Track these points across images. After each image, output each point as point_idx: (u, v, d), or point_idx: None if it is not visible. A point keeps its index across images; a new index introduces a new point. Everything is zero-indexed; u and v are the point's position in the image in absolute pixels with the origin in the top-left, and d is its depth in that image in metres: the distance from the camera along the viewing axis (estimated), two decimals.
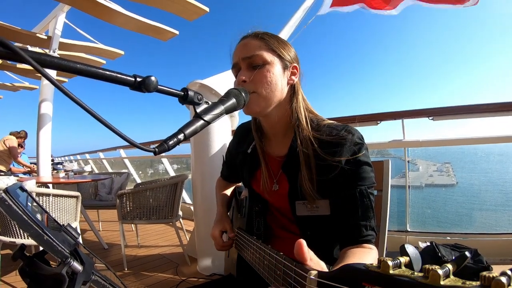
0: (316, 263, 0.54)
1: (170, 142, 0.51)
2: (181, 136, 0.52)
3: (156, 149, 0.49)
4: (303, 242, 0.52)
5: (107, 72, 0.43)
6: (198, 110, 0.56)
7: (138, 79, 0.46)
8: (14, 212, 0.50)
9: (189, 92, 0.54)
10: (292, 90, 0.91)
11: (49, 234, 0.51)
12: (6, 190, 0.52)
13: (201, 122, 0.56)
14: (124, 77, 0.45)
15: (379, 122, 2.73)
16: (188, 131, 0.53)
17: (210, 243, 1.09)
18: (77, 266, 0.50)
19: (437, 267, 0.29)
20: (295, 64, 0.91)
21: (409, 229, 2.82)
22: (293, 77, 0.90)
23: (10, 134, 6.09)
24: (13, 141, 5.91)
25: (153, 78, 0.46)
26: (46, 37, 5.03)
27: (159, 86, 0.48)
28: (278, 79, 0.86)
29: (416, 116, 2.68)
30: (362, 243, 0.79)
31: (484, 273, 0.25)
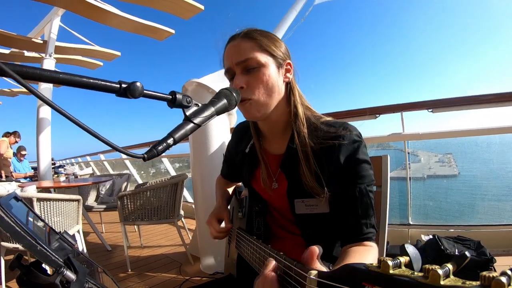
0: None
1: (159, 148, 0.50)
2: (170, 141, 0.51)
3: (145, 155, 0.48)
4: (315, 249, 0.51)
5: (91, 80, 0.42)
6: (188, 113, 0.56)
7: (123, 86, 0.45)
8: (6, 224, 0.49)
9: (177, 96, 0.53)
10: (288, 88, 0.90)
11: (42, 244, 0.51)
12: None
13: (191, 125, 0.55)
14: (109, 84, 0.44)
15: (378, 115, 2.72)
16: (177, 135, 0.53)
17: (212, 242, 1.09)
18: (70, 275, 0.50)
19: (437, 267, 0.29)
20: (289, 61, 0.89)
21: (411, 222, 2.82)
22: (288, 75, 0.89)
23: (3, 135, 6.12)
24: (3, 144, 5.91)
25: (138, 84, 0.45)
26: (42, 42, 5.03)
27: (145, 91, 0.47)
28: (274, 80, 0.85)
29: (415, 108, 2.67)
30: (362, 241, 0.79)
31: (484, 273, 0.25)
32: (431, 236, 2.28)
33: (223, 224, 1.07)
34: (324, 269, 0.55)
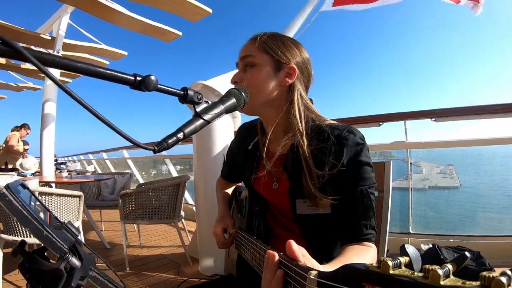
0: (308, 260, 0.55)
1: (170, 141, 0.51)
2: (180, 135, 0.52)
3: (156, 148, 0.49)
4: (292, 242, 0.54)
5: (108, 71, 0.44)
6: (198, 109, 0.57)
7: (138, 78, 0.46)
8: (14, 208, 0.50)
9: (189, 92, 0.54)
10: (290, 90, 0.91)
11: (49, 230, 0.51)
12: (7, 186, 0.53)
13: (201, 121, 0.56)
14: (124, 76, 0.45)
15: (381, 123, 2.72)
16: (187, 130, 0.54)
17: (212, 244, 1.09)
18: (75, 261, 0.51)
19: (437, 267, 0.29)
20: (292, 65, 0.89)
21: (411, 231, 2.81)
22: (287, 79, 0.89)
23: (12, 130, 6.18)
24: (14, 138, 5.99)
25: (153, 77, 0.47)
26: (50, 38, 5.07)
27: (158, 85, 0.48)
28: (267, 81, 0.88)
29: (418, 117, 2.67)
30: (362, 242, 0.80)
31: (484, 273, 0.25)
32: (431, 246, 2.27)
33: (226, 236, 1.08)
34: (316, 263, 0.56)
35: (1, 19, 4.47)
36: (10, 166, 5.99)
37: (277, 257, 0.56)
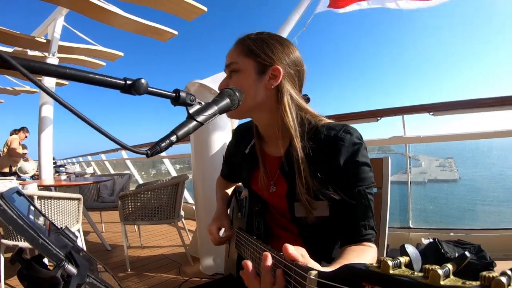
0: (308, 260, 0.55)
1: (163, 144, 0.50)
2: (173, 138, 0.52)
3: (148, 152, 0.49)
4: (288, 246, 0.53)
5: (97, 76, 0.43)
6: (191, 111, 0.56)
7: (128, 82, 0.45)
8: (9, 217, 0.50)
9: (181, 93, 0.53)
10: (278, 93, 0.87)
11: (44, 238, 0.51)
12: (1, 195, 0.52)
13: (194, 123, 0.55)
14: (114, 80, 0.44)
15: (379, 118, 2.72)
16: (180, 132, 0.53)
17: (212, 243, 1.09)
18: (72, 269, 0.51)
19: (437, 267, 0.29)
20: (276, 66, 0.85)
21: (411, 226, 2.82)
22: (272, 81, 0.86)
23: (11, 134, 6.19)
24: (15, 141, 6.01)
25: (143, 81, 0.46)
26: (45, 41, 5.05)
27: (149, 88, 0.48)
28: (252, 85, 0.85)
29: (416, 112, 2.67)
30: (361, 242, 0.80)
31: (484, 273, 0.25)
32: (431, 240, 2.27)
33: (222, 232, 1.08)
34: (316, 264, 0.56)
35: None
36: (14, 170, 6.02)
37: (269, 261, 0.56)
